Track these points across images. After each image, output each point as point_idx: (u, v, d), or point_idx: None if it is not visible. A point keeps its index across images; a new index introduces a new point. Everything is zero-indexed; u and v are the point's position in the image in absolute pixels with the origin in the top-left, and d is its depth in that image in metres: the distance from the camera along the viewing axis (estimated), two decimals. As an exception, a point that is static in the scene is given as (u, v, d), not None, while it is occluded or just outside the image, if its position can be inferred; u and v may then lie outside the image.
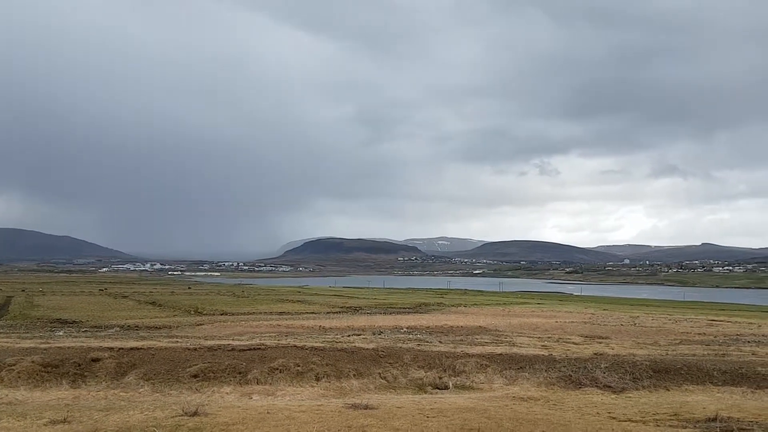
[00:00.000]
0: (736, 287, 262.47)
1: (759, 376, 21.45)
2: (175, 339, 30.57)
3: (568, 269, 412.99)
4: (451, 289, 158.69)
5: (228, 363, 21.82)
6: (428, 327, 46.68)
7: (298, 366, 21.81)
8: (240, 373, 21.27)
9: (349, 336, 34.04)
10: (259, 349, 23.66)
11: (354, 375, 21.63)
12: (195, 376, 20.64)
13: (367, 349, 24.35)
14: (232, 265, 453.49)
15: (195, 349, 23.40)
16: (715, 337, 41.96)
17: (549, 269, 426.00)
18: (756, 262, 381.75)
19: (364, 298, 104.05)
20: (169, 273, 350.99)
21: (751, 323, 58.56)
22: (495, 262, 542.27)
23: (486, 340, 33.27)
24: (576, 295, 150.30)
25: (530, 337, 37.83)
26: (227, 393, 19.37)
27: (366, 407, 15.97)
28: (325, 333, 38.62)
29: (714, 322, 58.94)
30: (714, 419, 15.33)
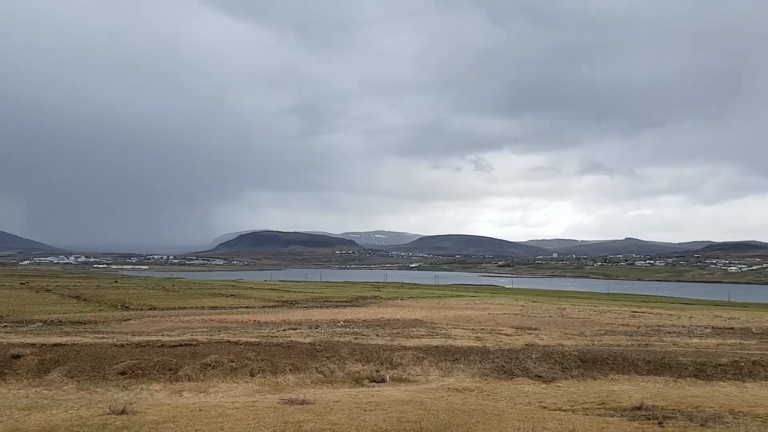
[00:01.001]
0: (657, 280, 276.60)
1: (680, 366, 22.61)
2: (101, 335, 29.30)
3: (500, 263, 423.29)
4: (388, 283, 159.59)
5: (157, 359, 21.09)
6: (365, 320, 46.71)
7: (232, 362, 21.33)
8: (170, 369, 20.61)
9: (285, 330, 33.60)
10: (191, 344, 22.97)
11: (290, 370, 21.36)
12: (123, 374, 19.86)
13: (304, 343, 24.11)
14: (162, 258, 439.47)
15: (122, 345, 22.47)
16: (638, 327, 43.93)
17: (482, 263, 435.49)
18: (676, 256, 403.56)
19: (300, 291, 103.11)
20: (95, 266, 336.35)
21: (671, 314, 61.71)
22: (431, 255, 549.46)
23: (422, 333, 33.61)
24: (508, 288, 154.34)
25: (465, 329, 38.50)
26: (157, 390, 18.73)
27: (302, 402, 15.78)
28: (261, 327, 37.97)
29: (636, 314, 61.74)
30: (639, 407, 16.02)
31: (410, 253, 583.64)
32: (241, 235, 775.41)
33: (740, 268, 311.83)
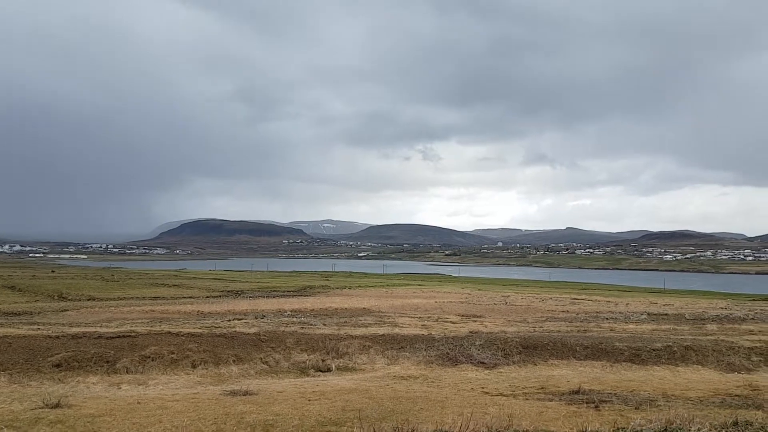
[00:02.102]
0: (596, 268, 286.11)
1: (617, 351, 23.44)
2: (36, 326, 28.11)
3: (447, 252, 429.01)
4: (336, 272, 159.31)
5: (95, 351, 20.41)
6: (313, 310, 46.47)
7: (173, 353, 20.84)
8: (108, 362, 19.99)
9: (229, 321, 33.06)
10: (130, 336, 22.30)
11: (233, 361, 21.03)
12: (57, 366, 19.12)
13: (248, 333, 23.77)
14: (101, 247, 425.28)
15: (58, 337, 21.62)
16: (578, 314, 45.33)
17: (430, 252, 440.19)
18: (613, 245, 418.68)
19: (246, 281, 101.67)
20: (30, 255, 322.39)
21: (609, 301, 63.99)
22: (379, 245, 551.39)
23: (369, 322, 33.71)
24: (454, 277, 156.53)
25: (411, 317, 38.83)
26: (94, 383, 18.10)
27: (245, 393, 15.57)
28: (204, 318, 37.25)
29: (576, 301, 63.74)
30: (577, 391, 16.53)
31: (359, 243, 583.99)
32: (184, 223, 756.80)
33: (675, 257, 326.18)
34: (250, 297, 67.39)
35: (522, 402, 15.31)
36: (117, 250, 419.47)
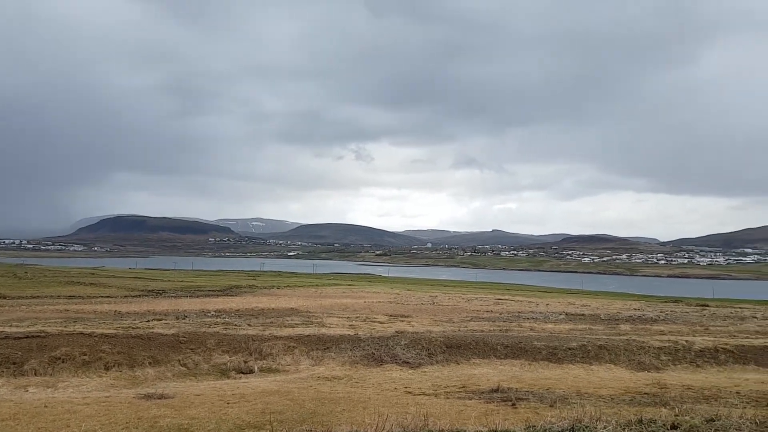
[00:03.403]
0: (519, 269, 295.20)
1: (535, 350, 24.20)
2: (-69, 328, 26.04)
3: (378, 252, 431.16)
4: (265, 271, 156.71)
5: (1, 352, 19.18)
6: (238, 310, 45.44)
7: (85, 355, 19.86)
8: (15, 363, 18.86)
9: (148, 321, 31.80)
10: (39, 336, 21.07)
11: (150, 363, 20.26)
12: (-45, 370, 17.81)
13: (167, 334, 22.94)
14: (14, 243, 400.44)
15: (-44, 340, 20.13)
16: (501, 314, 46.53)
17: (361, 252, 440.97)
18: (536, 248, 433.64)
19: (168, 280, 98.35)
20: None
21: (530, 301, 66.07)
22: (310, 244, 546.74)
23: (296, 322, 33.29)
24: (384, 277, 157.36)
25: (340, 317, 38.68)
26: (-4, 388, 16.97)
27: (161, 397, 15.02)
28: (121, 318, 35.69)
29: (500, 301, 65.46)
30: (496, 390, 16.93)
31: (289, 242, 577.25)
32: (103, 219, 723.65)
33: (592, 259, 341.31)
34: (171, 296, 65.20)
35: (443, 401, 15.51)
36: (31, 246, 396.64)
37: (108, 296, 64.28)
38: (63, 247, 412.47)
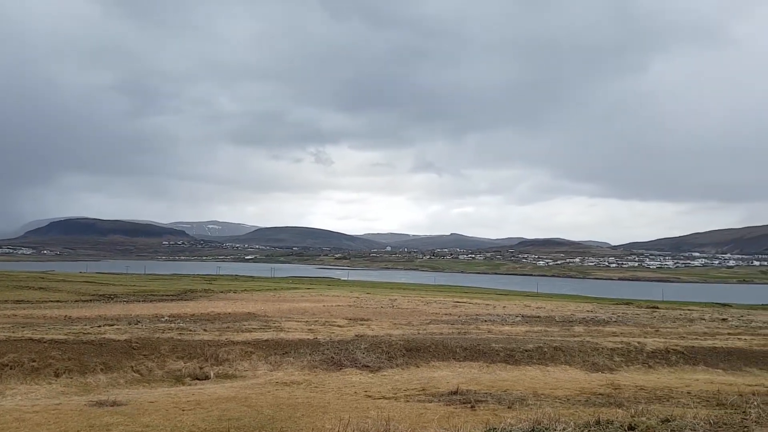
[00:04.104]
0: (477, 272, 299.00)
1: (493, 352, 24.44)
2: None
3: (337, 255, 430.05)
4: (221, 275, 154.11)
5: (-59, 361, 18.28)
6: (193, 315, 44.50)
7: (33, 361, 19.10)
8: (-44, 372, 17.96)
9: (99, 326, 30.80)
10: (-17, 344, 20.15)
11: (102, 369, 19.62)
12: None
13: (119, 340, 22.26)
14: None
15: None
16: (459, 317, 46.90)
17: (320, 255, 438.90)
18: (493, 251, 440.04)
19: (120, 284, 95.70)
20: None
21: (488, 304, 66.83)
22: (268, 247, 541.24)
23: (254, 327, 32.77)
24: (344, 280, 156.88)
25: (298, 321, 38.29)
26: (-64, 398, 16.14)
27: (113, 404, 14.54)
28: (72, 324, 34.49)
29: (459, 304, 65.98)
30: (455, 392, 17.01)
31: (246, 245, 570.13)
32: (53, 222, 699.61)
33: (547, 263, 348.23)
34: (124, 301, 63.46)
35: (403, 404, 15.49)
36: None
37: (58, 301, 62.12)
38: (11, 251, 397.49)
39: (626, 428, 8.16)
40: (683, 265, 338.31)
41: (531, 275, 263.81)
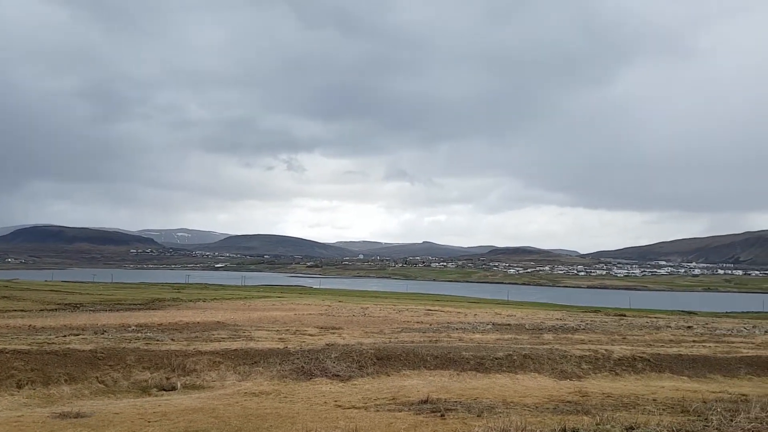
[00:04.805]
0: (449, 280, 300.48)
1: (463, 360, 24.54)
2: None
3: (309, 263, 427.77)
4: (190, 284, 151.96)
5: None
6: (161, 324, 43.74)
7: (-6, 373, 18.54)
8: None
9: (65, 336, 30.07)
10: (-60, 355, 19.52)
11: (66, 380, 19.15)
12: None
13: (84, 350, 21.77)
14: None
15: None
16: (431, 325, 47.02)
17: (291, 263, 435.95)
18: (465, 259, 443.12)
19: (87, 293, 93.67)
20: None
21: (459, 312, 67.16)
22: (239, 255, 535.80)
23: (223, 336, 32.37)
24: (315, 288, 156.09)
25: (269, 330, 37.95)
26: None
27: (77, 416, 14.22)
28: (36, 333, 33.62)
29: (430, 312, 66.19)
30: (426, 401, 17.02)
31: (216, 253, 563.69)
32: (18, 229, 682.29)
33: (518, 271, 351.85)
34: (90, 311, 62.12)
35: (373, 414, 15.44)
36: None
37: (22, 310, 60.50)
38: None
39: (591, 436, 8.28)
40: (650, 274, 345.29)
41: (502, 283, 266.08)
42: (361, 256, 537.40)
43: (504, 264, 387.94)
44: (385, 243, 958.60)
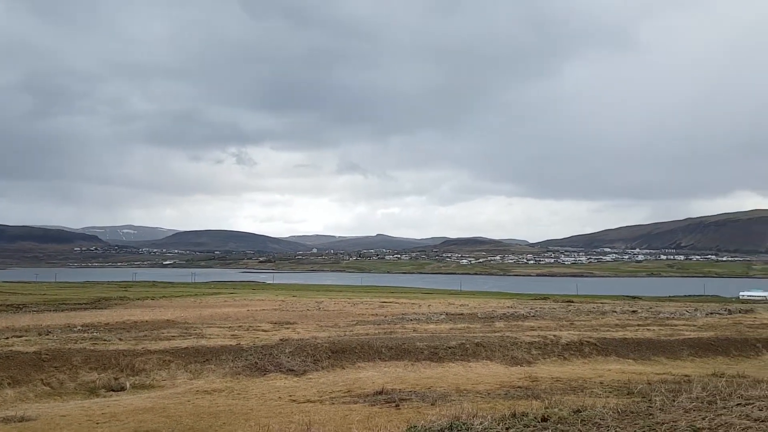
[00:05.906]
0: (402, 272, 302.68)
1: (418, 350, 24.81)
2: None
3: (261, 258, 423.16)
4: (138, 282, 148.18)
5: None
6: (108, 323, 42.52)
7: (-72, 381, 17.69)
8: None
9: (7, 338, 28.88)
10: None
11: (9, 384, 18.46)
12: None
13: (27, 352, 20.98)
14: None
15: None
16: (385, 317, 47.29)
17: (243, 258, 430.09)
18: (418, 251, 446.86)
19: (29, 293, 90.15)
20: None
21: (413, 303, 67.75)
22: (188, 252, 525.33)
23: (173, 334, 31.71)
24: (269, 284, 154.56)
25: (221, 327, 37.39)
26: None
27: (21, 419, 13.74)
28: (-27, 337, 32.20)
29: (385, 304, 66.53)
30: (381, 392, 17.16)
31: (164, 250, 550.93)
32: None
33: (470, 261, 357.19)
34: (34, 311, 59.78)
35: (328, 407, 15.47)
36: None
37: (-44, 314, 57.71)
38: None
39: (540, 419, 8.53)
40: (596, 261, 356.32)
41: (455, 273, 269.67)
42: (314, 250, 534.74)
43: (456, 255, 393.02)
44: (339, 236, 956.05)
